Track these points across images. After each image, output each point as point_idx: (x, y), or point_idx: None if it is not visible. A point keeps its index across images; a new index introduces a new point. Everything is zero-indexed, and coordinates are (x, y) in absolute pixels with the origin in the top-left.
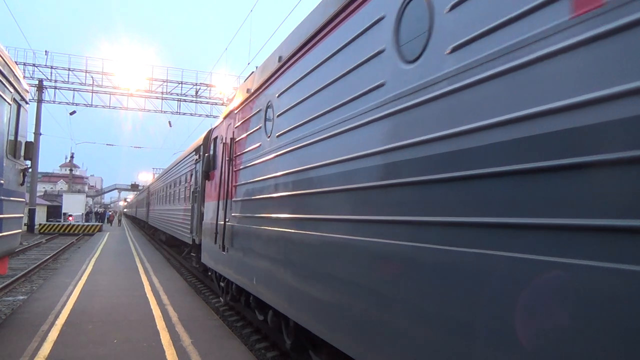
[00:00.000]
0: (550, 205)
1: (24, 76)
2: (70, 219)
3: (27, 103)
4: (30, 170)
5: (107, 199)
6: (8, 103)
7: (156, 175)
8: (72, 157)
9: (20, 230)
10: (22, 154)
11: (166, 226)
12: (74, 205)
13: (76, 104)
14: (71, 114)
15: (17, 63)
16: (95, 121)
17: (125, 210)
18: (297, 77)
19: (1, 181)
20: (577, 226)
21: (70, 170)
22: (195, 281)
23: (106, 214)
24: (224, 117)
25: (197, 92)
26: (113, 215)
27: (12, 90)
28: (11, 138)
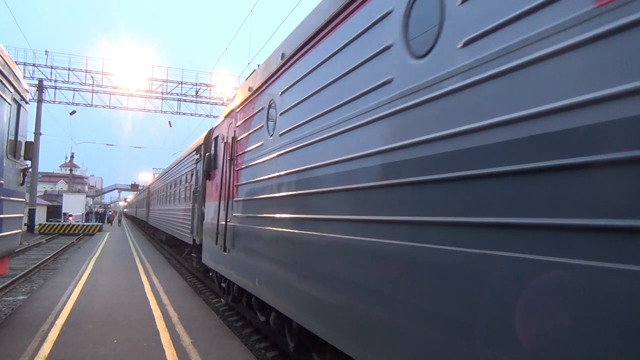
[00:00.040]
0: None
1: (24, 76)
2: (70, 219)
3: (27, 103)
4: (30, 170)
5: (107, 199)
6: (8, 103)
7: (156, 175)
8: (72, 157)
9: (20, 230)
10: (22, 154)
11: (166, 226)
12: (74, 205)
13: (76, 104)
14: (71, 113)
15: (17, 63)
16: (95, 121)
17: (125, 210)
18: (301, 75)
19: (1, 181)
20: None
21: (70, 170)
22: (195, 281)
23: (106, 214)
24: (225, 116)
25: (197, 92)
26: (113, 215)
27: (12, 90)
28: (11, 138)
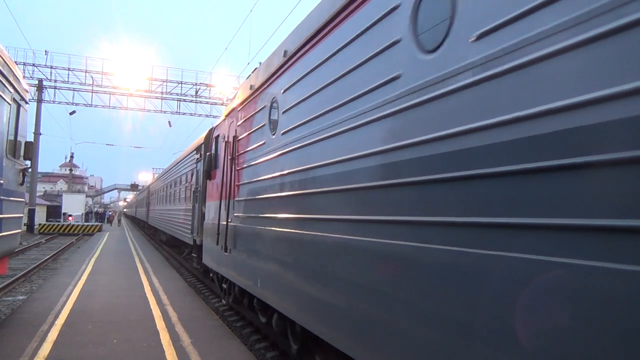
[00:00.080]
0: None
1: (24, 76)
2: (70, 219)
3: (27, 103)
4: (29, 170)
5: (107, 199)
6: (8, 103)
7: (156, 175)
8: (72, 157)
9: (19, 230)
10: (22, 153)
11: (166, 226)
12: (74, 205)
13: (76, 104)
14: (71, 113)
15: (17, 63)
16: (95, 121)
17: (125, 210)
18: (305, 72)
19: (1, 181)
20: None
21: (70, 170)
22: (195, 281)
23: (106, 214)
24: (226, 115)
25: (197, 92)
26: (113, 215)
27: (12, 90)
28: (11, 138)
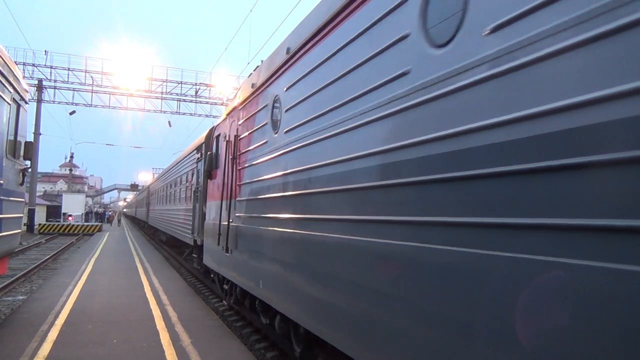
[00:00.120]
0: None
1: (24, 76)
2: (69, 219)
3: (27, 103)
4: (29, 170)
5: (107, 199)
6: (7, 103)
7: (156, 175)
8: (72, 157)
9: (19, 230)
10: (22, 154)
11: (167, 226)
12: (74, 205)
13: (76, 104)
14: (71, 114)
15: (17, 63)
16: (94, 121)
17: (124, 210)
18: (309, 69)
19: (1, 181)
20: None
21: (70, 170)
22: (195, 281)
23: (106, 214)
24: (227, 114)
25: (197, 92)
26: (113, 215)
27: (12, 90)
28: (11, 138)
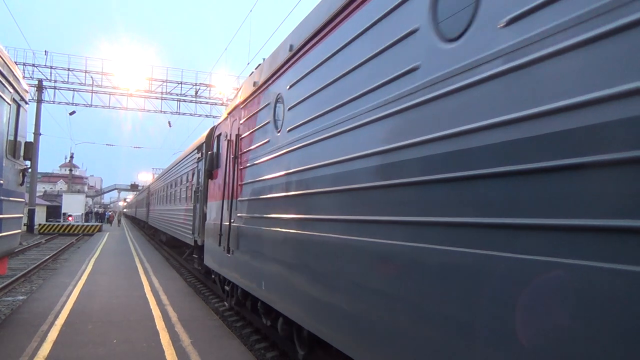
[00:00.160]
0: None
1: (24, 76)
2: (69, 219)
3: (27, 103)
4: (29, 170)
5: (107, 199)
6: (8, 103)
7: (156, 175)
8: (72, 157)
9: (19, 231)
10: (22, 154)
11: (167, 227)
12: (74, 206)
13: (76, 104)
14: (71, 114)
15: (17, 63)
16: (94, 121)
17: (124, 210)
18: (313, 66)
19: (1, 181)
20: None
21: (70, 170)
22: (195, 281)
23: (106, 214)
24: (228, 113)
25: (197, 92)
26: (113, 215)
27: (12, 90)
28: (11, 138)
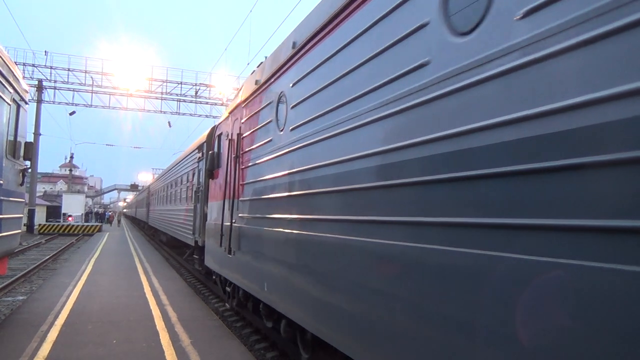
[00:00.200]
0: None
1: (24, 76)
2: (69, 219)
3: (27, 103)
4: (29, 170)
5: (107, 199)
6: (7, 103)
7: (156, 176)
8: (72, 158)
9: (19, 231)
10: (22, 154)
11: (167, 227)
12: (74, 206)
13: (76, 104)
14: (71, 114)
15: (17, 63)
16: (94, 121)
17: (124, 210)
18: (317, 63)
19: (1, 181)
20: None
21: (70, 170)
22: (195, 282)
23: (106, 214)
24: (229, 112)
25: (197, 93)
26: (113, 215)
27: (12, 90)
28: (11, 138)
